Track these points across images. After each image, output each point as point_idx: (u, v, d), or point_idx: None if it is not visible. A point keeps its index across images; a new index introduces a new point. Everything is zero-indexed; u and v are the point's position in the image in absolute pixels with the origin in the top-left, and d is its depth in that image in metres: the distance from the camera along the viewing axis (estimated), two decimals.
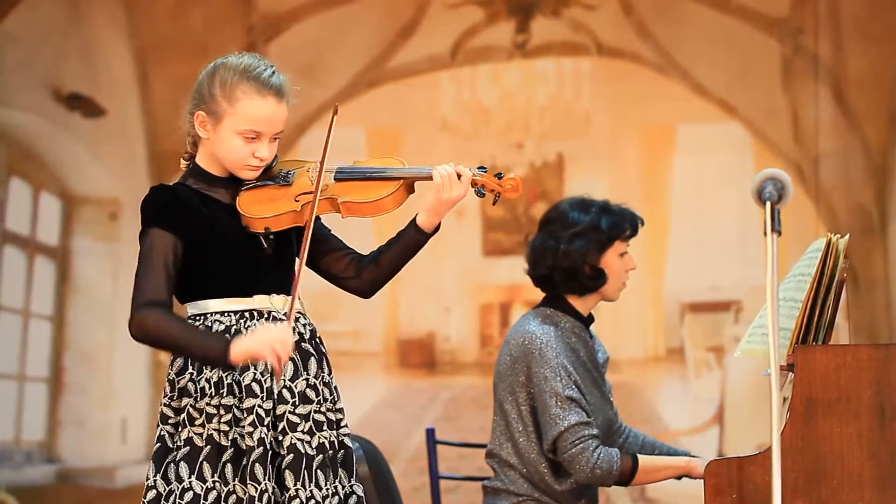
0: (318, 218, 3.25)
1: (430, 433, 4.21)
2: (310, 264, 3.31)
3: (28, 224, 6.56)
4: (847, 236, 3.37)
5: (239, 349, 3.08)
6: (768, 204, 2.86)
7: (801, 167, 6.28)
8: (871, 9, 6.30)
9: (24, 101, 6.51)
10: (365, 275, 3.33)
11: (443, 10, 6.52)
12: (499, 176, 3.26)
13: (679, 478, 3.93)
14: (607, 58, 6.47)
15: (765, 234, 2.84)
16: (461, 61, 6.54)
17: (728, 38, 6.39)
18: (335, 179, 3.25)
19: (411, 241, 3.28)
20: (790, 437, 3.12)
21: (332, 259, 3.35)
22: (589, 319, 4.07)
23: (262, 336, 3.08)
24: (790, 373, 3.26)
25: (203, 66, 3.25)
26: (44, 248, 6.55)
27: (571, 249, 3.96)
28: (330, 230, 3.36)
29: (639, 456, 3.86)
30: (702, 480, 3.19)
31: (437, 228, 3.28)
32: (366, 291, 3.37)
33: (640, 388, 6.35)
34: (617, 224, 4.01)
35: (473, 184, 3.25)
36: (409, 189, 3.26)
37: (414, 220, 3.27)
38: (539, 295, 4.10)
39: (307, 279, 3.31)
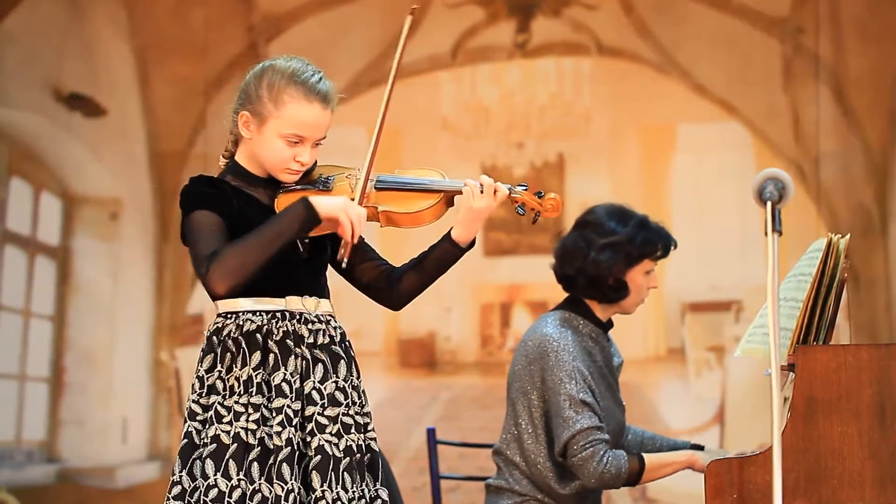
0: None
1: (431, 433, 4.21)
2: (342, 272, 3.31)
3: (28, 224, 6.56)
4: (847, 236, 3.37)
5: (321, 206, 3.07)
6: (769, 204, 2.85)
7: (801, 167, 6.28)
8: (872, 9, 6.30)
9: (24, 101, 6.51)
10: (397, 287, 3.33)
11: (443, 9, 6.51)
12: (539, 195, 3.25)
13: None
14: (607, 57, 6.47)
15: (765, 233, 2.84)
16: (461, 61, 6.54)
17: (728, 37, 6.38)
18: (376, 188, 3.24)
19: (446, 254, 3.27)
20: (791, 437, 3.12)
21: (365, 268, 3.34)
22: (608, 325, 4.07)
23: (341, 203, 3.08)
24: (791, 373, 3.26)
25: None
26: (44, 248, 6.55)
27: (601, 259, 3.95)
28: (364, 239, 3.33)
29: (644, 456, 3.87)
30: (703, 481, 3.20)
31: (472, 243, 3.28)
32: (397, 304, 3.37)
33: (641, 388, 6.34)
34: (651, 242, 3.99)
35: (514, 201, 3.25)
36: (449, 203, 3.26)
37: (449, 233, 3.27)
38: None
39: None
